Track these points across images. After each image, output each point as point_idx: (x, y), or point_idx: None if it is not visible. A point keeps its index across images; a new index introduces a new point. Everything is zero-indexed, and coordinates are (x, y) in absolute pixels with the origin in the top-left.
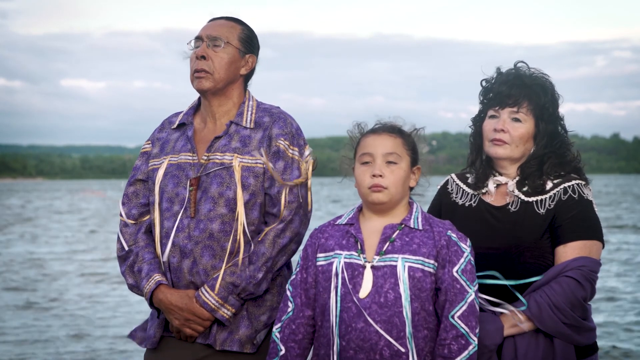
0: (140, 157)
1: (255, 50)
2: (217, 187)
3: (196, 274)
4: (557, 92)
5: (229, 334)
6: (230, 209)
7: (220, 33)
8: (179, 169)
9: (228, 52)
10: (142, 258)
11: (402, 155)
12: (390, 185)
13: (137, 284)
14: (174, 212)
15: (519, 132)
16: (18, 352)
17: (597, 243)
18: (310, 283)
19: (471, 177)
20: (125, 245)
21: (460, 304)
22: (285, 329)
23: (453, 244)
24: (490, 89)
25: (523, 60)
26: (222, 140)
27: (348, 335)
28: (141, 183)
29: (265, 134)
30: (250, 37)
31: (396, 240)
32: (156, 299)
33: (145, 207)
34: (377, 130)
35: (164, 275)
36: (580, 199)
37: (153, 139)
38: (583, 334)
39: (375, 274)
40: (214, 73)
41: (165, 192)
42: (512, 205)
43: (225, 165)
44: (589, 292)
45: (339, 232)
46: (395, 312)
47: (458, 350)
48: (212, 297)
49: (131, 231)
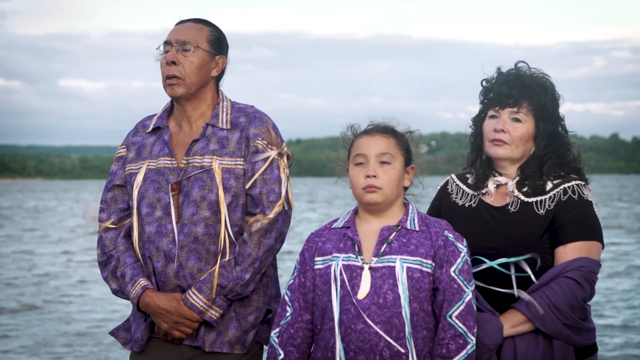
0: (116, 162)
1: (224, 51)
2: (198, 190)
3: (182, 277)
4: (558, 92)
5: (218, 336)
6: (213, 211)
7: (188, 37)
8: (159, 173)
9: (198, 55)
10: (124, 262)
11: (395, 155)
12: (384, 185)
13: (121, 289)
14: (157, 217)
15: (519, 133)
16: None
17: (597, 244)
18: (308, 287)
19: (471, 178)
20: (105, 250)
21: (457, 303)
22: (283, 334)
23: (450, 244)
24: (491, 89)
25: (524, 61)
26: (200, 143)
27: (348, 337)
28: (119, 188)
29: (242, 135)
30: (219, 38)
31: (393, 241)
32: (143, 303)
33: (125, 212)
34: (370, 131)
35: (148, 279)
36: (580, 200)
37: (127, 143)
38: (582, 335)
39: (374, 275)
40: (185, 78)
41: (145, 197)
42: (511, 206)
43: (205, 168)
44: (589, 292)
45: (336, 235)
46: (394, 313)
47: (456, 349)
48: (200, 299)
49: (111, 236)
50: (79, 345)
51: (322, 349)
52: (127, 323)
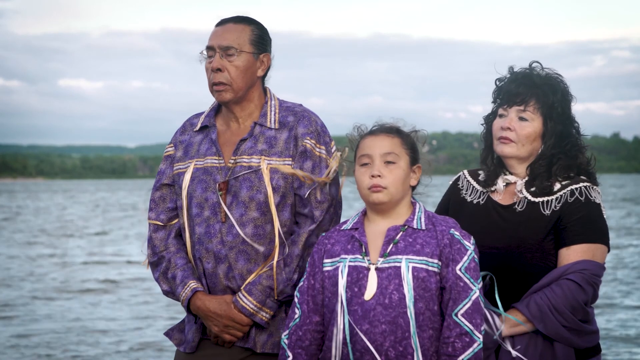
0: (164, 161)
1: (268, 48)
2: (247, 191)
3: (232, 278)
4: (571, 93)
5: (269, 337)
6: (261, 212)
7: (231, 41)
8: (206, 173)
9: (242, 59)
10: (175, 264)
11: (400, 154)
12: (389, 184)
13: (172, 290)
14: (205, 218)
15: (526, 131)
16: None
17: (602, 247)
18: (317, 289)
19: (482, 175)
20: (155, 251)
21: (464, 301)
22: (292, 335)
23: (456, 242)
24: (501, 88)
25: (537, 61)
26: (248, 142)
27: (354, 338)
28: (167, 187)
29: (290, 134)
30: (261, 36)
31: (400, 241)
32: (194, 306)
33: (173, 211)
34: (375, 131)
35: (198, 281)
36: (587, 202)
37: (175, 142)
38: (583, 337)
39: (380, 276)
40: (232, 84)
41: (194, 197)
42: (518, 205)
43: (254, 168)
44: (591, 295)
45: (345, 237)
46: (399, 313)
47: (462, 348)
48: (250, 302)
49: (161, 236)
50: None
51: (329, 350)
52: (182, 324)
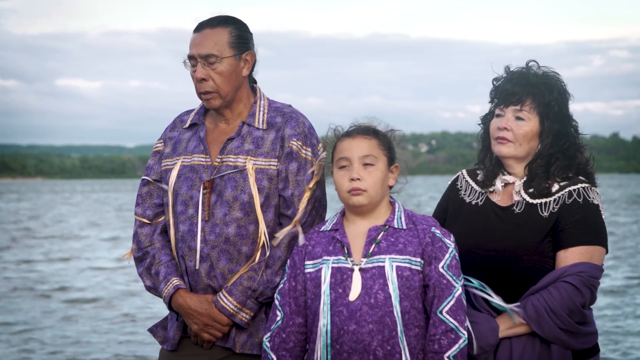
0: (153, 157)
1: (250, 44)
2: (231, 190)
3: (214, 277)
4: (568, 92)
5: (249, 337)
6: (245, 212)
7: (210, 49)
8: (192, 170)
9: (225, 65)
10: (159, 260)
11: (378, 156)
12: (369, 187)
13: (155, 286)
14: (189, 215)
15: (523, 131)
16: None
17: (600, 248)
18: (299, 291)
19: (481, 175)
20: (140, 246)
21: (447, 299)
22: (275, 338)
23: (437, 240)
24: (498, 88)
25: (535, 60)
26: (235, 141)
27: (341, 339)
28: (155, 183)
29: (278, 135)
30: (240, 35)
31: (382, 241)
32: (175, 303)
33: (160, 207)
34: (352, 133)
35: (181, 278)
36: (585, 203)
37: (165, 138)
38: (580, 339)
39: (364, 276)
40: (219, 91)
41: (179, 195)
42: (517, 207)
43: (239, 168)
44: (588, 298)
45: (325, 238)
46: (386, 312)
47: (448, 344)
48: (230, 302)
49: (147, 232)
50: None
51: (312, 352)
52: (165, 321)
